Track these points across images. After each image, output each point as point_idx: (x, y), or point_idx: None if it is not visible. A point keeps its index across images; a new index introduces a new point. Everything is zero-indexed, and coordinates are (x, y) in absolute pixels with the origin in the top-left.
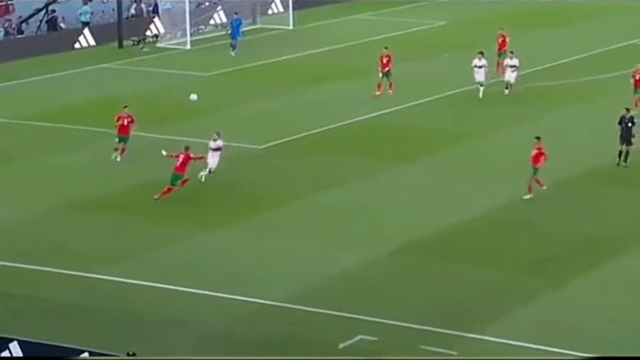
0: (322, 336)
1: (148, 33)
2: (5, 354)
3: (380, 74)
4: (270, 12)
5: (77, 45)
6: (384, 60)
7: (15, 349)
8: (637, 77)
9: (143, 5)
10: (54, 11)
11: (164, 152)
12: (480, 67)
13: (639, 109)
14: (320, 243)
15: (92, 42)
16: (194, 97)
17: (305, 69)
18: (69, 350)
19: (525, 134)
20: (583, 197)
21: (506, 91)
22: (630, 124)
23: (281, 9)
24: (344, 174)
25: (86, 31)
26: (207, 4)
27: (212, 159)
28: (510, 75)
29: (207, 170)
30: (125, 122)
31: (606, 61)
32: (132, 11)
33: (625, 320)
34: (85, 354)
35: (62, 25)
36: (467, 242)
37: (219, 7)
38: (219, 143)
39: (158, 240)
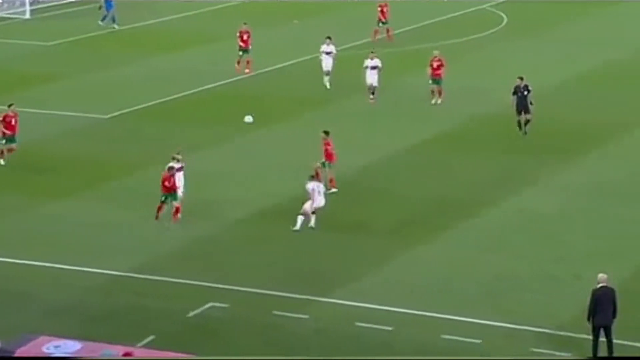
0: (172, 305)
1: None
2: None
3: (241, 52)
4: None
5: None
6: (244, 37)
7: None
8: (435, 66)
9: None
10: None
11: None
12: (328, 53)
13: (439, 99)
14: (167, 211)
15: None
16: (249, 119)
17: (153, 37)
18: None
19: (379, 99)
20: (434, 161)
21: (372, 96)
22: (525, 93)
23: None
24: (194, 141)
25: None
26: None
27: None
28: (372, 78)
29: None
30: (13, 121)
31: (456, 26)
32: None
33: (474, 279)
34: None
35: None
36: None
37: None
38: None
39: None
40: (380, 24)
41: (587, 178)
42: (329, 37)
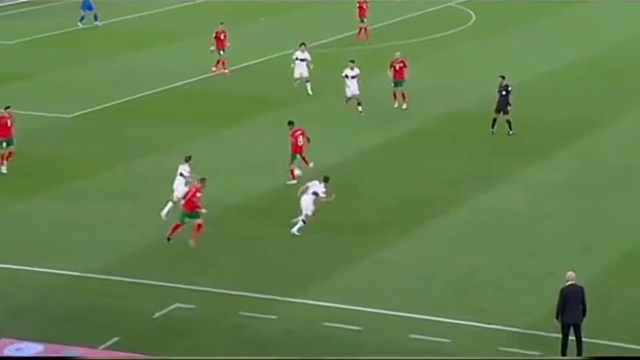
0: (136, 306)
1: None
2: None
3: (221, 52)
4: None
5: None
6: (222, 37)
7: None
8: (397, 67)
9: None
10: None
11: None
12: (302, 60)
13: (399, 102)
14: (133, 210)
15: None
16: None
17: (115, 35)
18: None
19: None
20: (404, 160)
21: (360, 108)
22: (504, 92)
23: None
24: (159, 141)
25: None
26: None
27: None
28: (353, 88)
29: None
30: (9, 122)
31: (423, 24)
32: None
33: (444, 278)
34: None
35: None
36: (288, 205)
37: None
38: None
39: None
40: (362, 21)
41: (558, 175)
42: (303, 44)
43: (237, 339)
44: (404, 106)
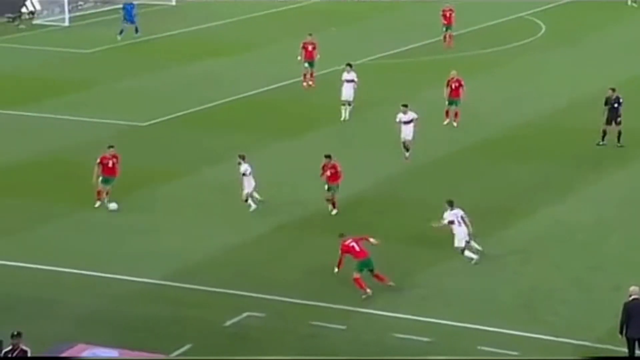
0: (207, 314)
1: (24, 10)
2: None
3: (307, 64)
4: None
5: None
6: (309, 48)
7: None
8: (454, 87)
9: None
10: None
11: None
12: (349, 81)
13: (452, 120)
14: (205, 219)
15: None
16: (113, 206)
17: (189, 45)
18: None
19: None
20: (470, 170)
21: (407, 153)
22: (616, 105)
23: None
24: (228, 150)
25: None
26: None
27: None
28: (405, 132)
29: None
30: (111, 163)
31: (493, 35)
32: None
33: (511, 290)
34: None
35: None
36: (352, 215)
37: None
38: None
39: (31, 218)
40: (444, 29)
41: (627, 188)
42: (349, 65)
43: (307, 348)
44: (455, 124)
